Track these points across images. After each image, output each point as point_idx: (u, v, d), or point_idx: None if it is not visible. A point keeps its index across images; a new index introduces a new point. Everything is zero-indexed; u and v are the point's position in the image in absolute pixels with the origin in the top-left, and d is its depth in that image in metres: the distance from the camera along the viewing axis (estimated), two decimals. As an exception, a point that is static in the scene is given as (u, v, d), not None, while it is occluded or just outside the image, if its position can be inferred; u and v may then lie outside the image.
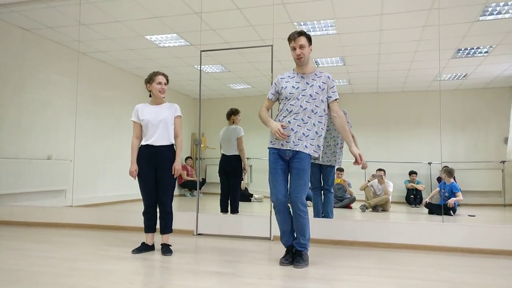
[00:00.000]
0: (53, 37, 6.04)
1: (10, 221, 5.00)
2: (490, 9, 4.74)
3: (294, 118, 2.96)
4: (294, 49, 3.01)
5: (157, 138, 3.38)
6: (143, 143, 3.44)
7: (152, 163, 3.38)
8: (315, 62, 6.77)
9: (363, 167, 3.08)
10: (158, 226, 3.51)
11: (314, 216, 4.50)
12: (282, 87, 3.07)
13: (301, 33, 2.99)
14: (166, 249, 3.40)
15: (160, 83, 3.44)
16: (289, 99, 3.00)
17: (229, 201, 5.07)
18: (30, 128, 5.77)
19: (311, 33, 5.62)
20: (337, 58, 6.69)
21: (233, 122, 5.14)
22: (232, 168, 5.02)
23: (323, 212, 4.58)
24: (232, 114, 5.16)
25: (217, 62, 7.08)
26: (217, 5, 4.84)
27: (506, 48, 5.91)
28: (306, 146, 2.96)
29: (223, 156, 5.10)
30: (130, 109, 3.62)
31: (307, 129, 2.96)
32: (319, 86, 2.99)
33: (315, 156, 3.02)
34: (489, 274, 2.88)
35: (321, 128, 3.02)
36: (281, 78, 3.13)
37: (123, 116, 7.54)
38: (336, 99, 3.06)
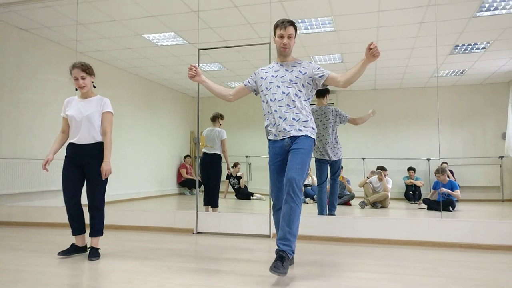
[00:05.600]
0: (50, 37, 6.02)
1: (9, 222, 5.00)
2: (487, 5, 4.75)
3: (279, 106, 2.82)
4: (281, 37, 2.85)
5: (81, 136, 3.13)
6: (69, 140, 3.21)
7: (77, 162, 3.15)
8: (313, 59, 6.77)
9: (374, 54, 2.58)
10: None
11: (318, 213, 4.54)
12: (261, 78, 2.95)
13: (292, 23, 2.86)
14: (94, 253, 3.13)
15: (76, 78, 3.13)
16: (269, 89, 2.88)
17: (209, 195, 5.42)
18: (28, 128, 5.76)
19: (309, 31, 5.66)
20: (335, 55, 6.69)
21: (220, 125, 5.57)
22: (213, 164, 5.40)
23: (328, 200, 4.67)
24: (219, 118, 5.58)
25: (215, 60, 7.07)
26: (215, 3, 4.84)
27: (503, 43, 5.92)
28: (300, 130, 2.79)
29: (205, 154, 5.43)
30: (128, 108, 3.62)
31: (296, 113, 2.80)
32: (300, 71, 2.86)
33: (313, 137, 2.83)
34: (487, 269, 2.90)
35: (309, 112, 2.88)
36: (261, 69, 3.01)
37: (122, 115, 7.54)
38: (330, 73, 2.85)
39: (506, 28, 5.38)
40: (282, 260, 2.48)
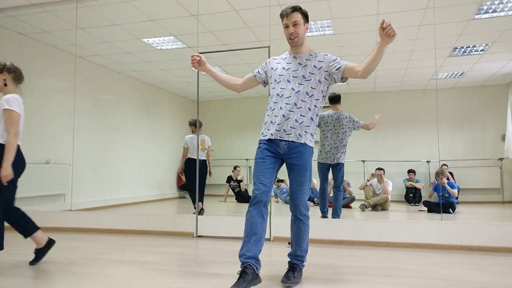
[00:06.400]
0: (50, 41, 6.04)
1: (9, 227, 4.98)
2: (485, 8, 4.76)
3: (286, 103, 2.54)
4: (286, 27, 2.60)
5: None
6: None
7: None
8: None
9: (390, 33, 2.22)
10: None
11: (320, 208, 4.69)
12: (272, 68, 2.70)
13: (296, 9, 2.58)
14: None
15: None
16: (278, 82, 2.61)
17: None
18: (28, 133, 5.74)
19: (308, 34, 5.65)
20: (334, 58, 6.70)
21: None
22: (204, 169, 5.69)
23: (332, 210, 4.72)
24: (201, 125, 5.71)
25: (215, 64, 7.08)
26: (214, 7, 4.85)
27: (502, 46, 5.93)
28: (300, 135, 2.53)
29: (199, 160, 5.37)
30: (128, 112, 3.61)
31: (300, 114, 2.53)
32: (315, 66, 2.57)
33: (312, 145, 2.61)
34: (488, 271, 2.89)
35: (316, 114, 2.60)
36: (273, 59, 2.77)
37: (122, 119, 7.54)
38: (347, 64, 2.55)
39: (504, 30, 5.39)
40: (294, 271, 2.59)
